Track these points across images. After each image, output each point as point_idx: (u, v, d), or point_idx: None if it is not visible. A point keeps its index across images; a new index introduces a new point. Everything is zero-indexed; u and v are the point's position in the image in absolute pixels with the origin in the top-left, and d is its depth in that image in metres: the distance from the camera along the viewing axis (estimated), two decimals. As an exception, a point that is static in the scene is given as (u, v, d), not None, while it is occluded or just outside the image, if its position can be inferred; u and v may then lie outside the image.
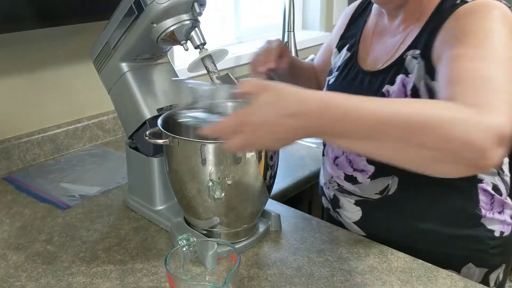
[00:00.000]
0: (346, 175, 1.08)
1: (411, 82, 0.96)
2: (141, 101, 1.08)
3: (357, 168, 1.06)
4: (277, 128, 0.67)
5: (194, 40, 0.98)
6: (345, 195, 1.10)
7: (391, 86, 0.99)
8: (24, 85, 1.43)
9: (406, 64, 0.97)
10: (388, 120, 0.66)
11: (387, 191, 1.04)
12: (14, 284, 0.94)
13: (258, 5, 2.26)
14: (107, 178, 1.35)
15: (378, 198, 1.05)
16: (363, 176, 1.05)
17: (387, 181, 1.03)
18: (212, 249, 0.91)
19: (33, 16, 1.24)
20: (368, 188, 1.05)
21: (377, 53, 1.07)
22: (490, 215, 1.03)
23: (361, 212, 1.09)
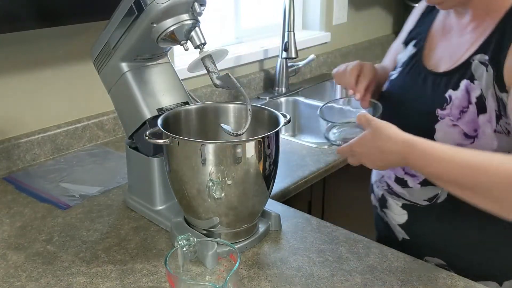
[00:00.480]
0: (397, 177, 1.07)
1: (477, 89, 0.91)
2: (141, 101, 1.08)
3: (409, 172, 1.04)
4: (373, 158, 0.89)
5: (194, 40, 0.98)
6: (393, 197, 1.09)
7: (454, 91, 0.95)
8: (24, 85, 1.43)
9: (473, 69, 0.92)
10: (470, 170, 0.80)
11: (436, 199, 1.02)
12: (14, 284, 0.94)
13: (258, 5, 2.26)
14: (107, 178, 1.35)
15: (426, 204, 1.04)
16: (414, 181, 1.03)
17: (437, 189, 1.01)
18: (212, 249, 0.91)
19: (33, 16, 1.24)
20: (417, 193, 1.04)
21: (443, 53, 1.02)
22: None
23: (407, 216, 1.07)
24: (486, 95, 0.90)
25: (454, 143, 0.92)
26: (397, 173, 1.06)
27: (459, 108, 0.93)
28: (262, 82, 2.14)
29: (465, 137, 0.93)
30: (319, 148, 1.57)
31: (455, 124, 0.93)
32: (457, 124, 0.93)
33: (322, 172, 1.44)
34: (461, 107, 0.93)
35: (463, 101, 0.93)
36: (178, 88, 1.14)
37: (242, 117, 1.10)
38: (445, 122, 0.95)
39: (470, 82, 0.92)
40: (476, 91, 0.91)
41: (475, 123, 0.91)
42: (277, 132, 0.98)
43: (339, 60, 2.55)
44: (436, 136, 0.96)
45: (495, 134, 0.90)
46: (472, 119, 0.92)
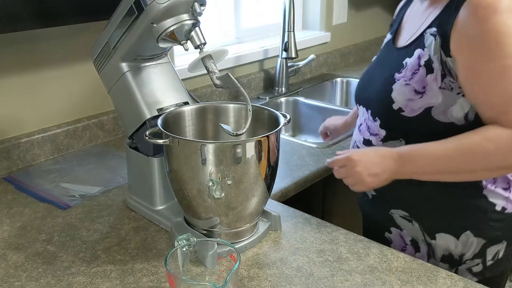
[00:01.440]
0: (364, 139, 1.17)
1: (426, 55, 1.04)
2: (141, 101, 1.08)
3: (373, 132, 1.14)
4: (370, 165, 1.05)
5: (194, 40, 0.98)
6: None
7: (409, 59, 1.07)
8: (24, 85, 1.43)
9: (425, 40, 1.05)
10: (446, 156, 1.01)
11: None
12: (14, 284, 0.94)
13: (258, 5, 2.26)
14: (107, 178, 1.35)
15: None
16: (377, 140, 1.14)
17: (396, 144, 1.10)
18: (212, 249, 0.91)
19: (33, 16, 1.24)
20: None
21: (406, 33, 1.16)
22: (492, 188, 1.07)
23: None
24: (433, 59, 1.03)
25: (406, 99, 1.07)
26: (364, 136, 1.17)
27: (411, 70, 1.07)
28: (262, 82, 2.14)
29: (415, 93, 1.05)
30: (319, 148, 1.57)
31: (408, 83, 1.07)
32: (409, 83, 1.06)
33: (322, 172, 1.44)
34: (413, 70, 1.06)
35: (415, 65, 1.06)
36: (178, 88, 1.14)
37: (242, 117, 1.10)
38: (400, 82, 1.08)
39: (421, 50, 1.06)
40: (425, 56, 1.05)
41: (424, 81, 1.05)
42: (277, 132, 0.98)
43: (339, 60, 2.55)
44: (393, 94, 1.09)
45: (440, 90, 1.03)
46: (421, 79, 1.05)
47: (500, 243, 1.10)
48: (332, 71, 2.48)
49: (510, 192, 1.08)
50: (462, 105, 1.02)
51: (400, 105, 1.07)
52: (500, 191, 1.07)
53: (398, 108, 1.07)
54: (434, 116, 1.04)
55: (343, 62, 2.58)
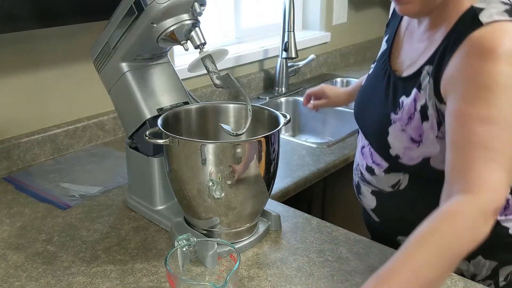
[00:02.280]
0: (367, 165, 1.13)
1: (422, 98, 0.97)
2: (141, 101, 1.08)
3: (375, 161, 1.10)
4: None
5: (194, 40, 0.98)
6: (365, 184, 1.15)
7: (406, 98, 1.00)
8: (24, 85, 1.43)
9: (422, 78, 0.98)
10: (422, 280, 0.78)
11: (398, 185, 1.07)
12: (14, 284, 0.94)
13: (258, 5, 2.26)
14: (107, 178, 1.35)
15: (390, 191, 1.08)
16: (379, 169, 1.09)
17: (399, 176, 1.06)
18: (212, 249, 0.91)
19: (33, 16, 1.24)
20: (383, 180, 1.09)
21: (405, 56, 1.07)
22: (503, 218, 1.03)
23: (376, 202, 1.13)
24: (428, 104, 0.96)
25: (403, 147, 1.01)
26: (367, 162, 1.13)
27: (407, 114, 1.00)
28: (262, 82, 2.14)
29: (412, 141, 1.00)
30: (319, 148, 1.57)
31: (404, 129, 1.00)
32: (405, 129, 1.00)
33: (322, 172, 1.44)
34: (409, 114, 1.00)
35: (411, 108, 0.99)
36: (178, 88, 1.14)
37: (242, 117, 1.10)
38: (396, 126, 1.02)
39: (418, 91, 0.98)
40: (421, 100, 0.97)
41: (420, 129, 0.98)
42: (277, 132, 0.98)
43: (339, 60, 2.55)
44: (389, 138, 1.03)
45: (437, 140, 0.96)
46: (417, 126, 0.98)
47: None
48: (332, 71, 2.48)
49: None
50: None
51: (397, 152, 1.02)
52: (510, 217, 1.03)
53: (395, 154, 1.02)
54: (434, 166, 0.98)
55: (343, 62, 2.58)
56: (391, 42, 1.13)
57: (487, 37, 0.87)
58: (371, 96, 1.13)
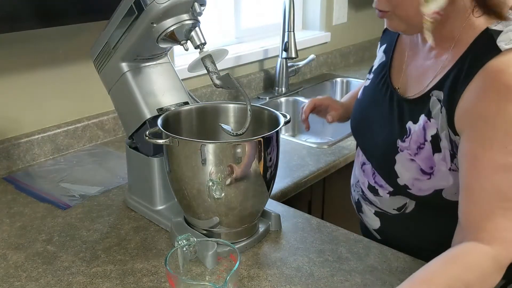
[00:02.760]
0: (369, 184, 1.07)
1: (433, 128, 0.92)
2: (141, 101, 1.08)
3: (378, 182, 1.05)
4: None
5: (194, 40, 0.98)
6: (367, 203, 1.10)
7: (414, 125, 0.95)
8: (24, 85, 1.43)
9: (431, 105, 0.92)
10: None
11: (404, 209, 1.03)
12: (14, 284, 0.94)
13: (258, 5, 2.26)
14: (107, 178, 1.35)
15: (395, 214, 1.05)
16: (383, 191, 1.04)
17: (405, 200, 1.02)
18: (212, 249, 0.91)
19: (33, 16, 1.24)
20: (387, 202, 1.05)
21: (409, 75, 1.01)
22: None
23: (380, 223, 1.09)
24: (441, 135, 0.91)
25: (412, 178, 0.95)
26: (370, 181, 1.07)
27: (416, 143, 0.94)
28: (262, 82, 2.14)
29: (422, 173, 0.94)
30: (319, 148, 1.57)
31: (413, 159, 0.95)
32: (415, 159, 0.95)
33: (322, 172, 1.44)
34: (419, 143, 0.94)
35: (420, 137, 0.94)
36: (178, 88, 1.14)
37: (242, 117, 1.10)
38: (404, 155, 0.96)
39: (427, 119, 0.93)
40: (432, 129, 0.92)
41: (431, 160, 0.93)
42: (277, 132, 0.98)
43: (339, 60, 2.55)
44: (396, 167, 0.98)
45: (450, 172, 0.92)
46: (428, 157, 0.93)
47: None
48: (332, 71, 2.48)
49: None
50: None
51: (405, 182, 0.96)
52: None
53: (404, 184, 0.97)
54: (446, 197, 0.94)
55: (343, 62, 2.58)
56: (391, 54, 1.06)
57: (507, 71, 0.80)
58: (372, 113, 1.07)
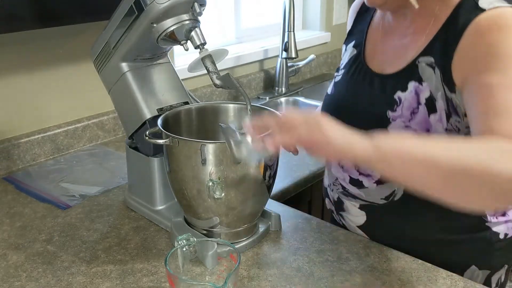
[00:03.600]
0: (351, 178, 1.06)
1: (426, 91, 0.93)
2: (141, 101, 1.08)
3: (363, 172, 1.04)
4: (329, 127, 0.75)
5: (194, 40, 0.98)
6: (350, 199, 1.08)
7: (403, 93, 0.96)
8: (24, 85, 1.43)
9: (420, 71, 0.94)
10: (432, 164, 0.72)
11: (393, 196, 1.02)
12: (14, 284, 0.94)
13: (258, 5, 2.26)
14: (107, 178, 1.35)
15: (383, 203, 1.03)
16: (369, 181, 1.03)
17: (393, 187, 1.01)
18: (212, 249, 0.91)
19: (33, 16, 1.24)
20: (374, 193, 1.04)
21: (386, 55, 1.03)
22: (495, 219, 1.02)
23: (366, 216, 1.07)
24: (436, 96, 0.92)
25: None
26: (352, 175, 1.05)
27: (409, 109, 0.95)
28: (262, 82, 2.14)
29: None
30: (319, 148, 1.56)
31: (408, 126, 0.95)
32: (409, 125, 0.95)
33: (322, 172, 1.44)
34: (412, 108, 0.94)
35: (413, 102, 0.95)
36: (178, 88, 1.14)
37: (242, 117, 1.10)
38: (397, 123, 0.96)
39: (418, 83, 0.94)
40: (425, 92, 0.93)
41: (427, 123, 0.93)
42: (277, 132, 0.98)
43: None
44: None
45: (446, 132, 0.93)
46: (424, 119, 0.94)
47: (502, 268, 1.06)
48: (332, 71, 2.48)
49: (509, 216, 1.03)
50: None
51: None
52: (500, 218, 1.02)
53: None
54: None
55: (343, 62, 2.58)
56: (363, 46, 1.09)
57: (497, 16, 0.86)
58: (351, 102, 1.06)
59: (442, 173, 0.72)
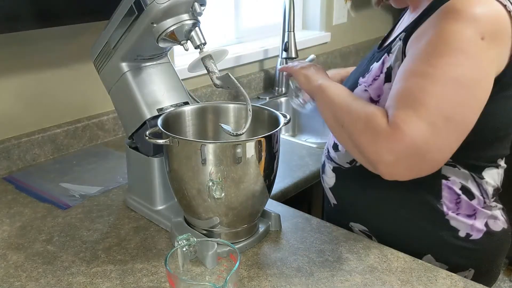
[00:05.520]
0: (334, 143, 1.14)
1: (389, 61, 1.00)
2: (141, 101, 1.08)
3: None
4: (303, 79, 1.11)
5: (194, 40, 0.98)
6: (329, 161, 1.16)
7: (376, 63, 1.04)
8: (24, 85, 1.43)
9: (393, 44, 1.02)
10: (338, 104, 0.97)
11: (355, 161, 1.07)
12: (14, 284, 0.94)
13: (258, 5, 2.26)
14: (107, 178, 1.35)
15: (348, 167, 1.10)
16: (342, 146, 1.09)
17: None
18: (212, 249, 0.91)
19: (33, 16, 1.24)
20: (343, 156, 1.11)
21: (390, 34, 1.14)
22: (454, 215, 1.02)
23: (335, 178, 1.14)
24: (394, 65, 0.98)
25: None
26: (335, 140, 1.13)
27: (373, 76, 1.03)
28: (262, 82, 2.14)
29: (370, 101, 1.02)
30: (319, 148, 1.57)
31: (366, 90, 1.03)
32: (367, 89, 1.03)
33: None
34: (374, 76, 1.03)
35: (377, 71, 1.03)
36: (178, 88, 1.14)
37: (242, 117, 1.10)
38: (360, 87, 1.05)
39: (387, 55, 1.02)
40: (388, 62, 1.01)
41: (380, 89, 1.01)
42: (277, 132, 0.98)
43: (339, 60, 2.55)
44: None
45: None
46: (379, 86, 1.01)
47: (467, 270, 1.05)
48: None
49: (475, 219, 1.03)
50: None
51: None
52: (463, 219, 1.02)
53: None
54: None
55: (343, 62, 2.58)
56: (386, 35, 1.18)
57: (460, 1, 0.88)
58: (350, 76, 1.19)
59: (333, 117, 0.97)
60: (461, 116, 0.85)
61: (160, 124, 0.98)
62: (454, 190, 1.01)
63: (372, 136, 0.87)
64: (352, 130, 0.91)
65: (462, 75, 0.84)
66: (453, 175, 1.01)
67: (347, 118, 0.93)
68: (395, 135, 0.84)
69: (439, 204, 1.02)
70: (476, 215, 1.03)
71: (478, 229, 1.03)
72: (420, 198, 1.03)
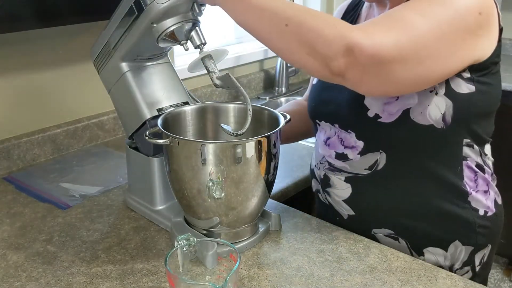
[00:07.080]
0: (337, 153, 1.09)
1: None
2: (141, 101, 1.08)
3: (348, 145, 1.07)
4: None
5: (194, 40, 0.98)
6: (336, 173, 1.11)
7: None
8: (24, 85, 1.43)
9: None
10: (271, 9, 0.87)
11: (376, 166, 1.04)
12: (14, 284, 0.94)
13: (258, 5, 2.26)
14: (107, 178, 1.35)
15: (367, 173, 1.06)
16: (353, 153, 1.06)
17: (376, 156, 1.04)
18: (212, 249, 0.91)
19: (33, 16, 1.24)
20: (358, 164, 1.06)
21: None
22: (475, 193, 1.04)
23: (351, 189, 1.09)
24: None
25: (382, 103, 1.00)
26: (337, 150, 1.09)
27: None
28: (262, 82, 2.14)
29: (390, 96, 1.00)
30: (319, 148, 1.56)
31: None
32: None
33: (322, 172, 1.44)
34: None
35: None
36: (178, 88, 1.14)
37: (242, 117, 1.10)
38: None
39: None
40: None
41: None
42: (277, 132, 0.98)
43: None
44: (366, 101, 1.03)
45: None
46: None
47: (486, 247, 1.08)
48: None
49: (489, 195, 1.06)
50: (437, 104, 0.96)
51: (376, 111, 1.00)
52: (481, 197, 1.05)
53: (374, 115, 1.00)
54: (414, 119, 0.98)
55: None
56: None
57: None
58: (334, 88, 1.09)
59: (269, 18, 0.87)
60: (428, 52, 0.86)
61: (160, 124, 0.98)
62: (472, 168, 1.04)
63: (333, 21, 0.84)
64: (304, 19, 0.84)
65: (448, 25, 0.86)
66: (471, 154, 1.03)
67: (296, 11, 0.86)
68: (360, 34, 0.82)
69: (462, 185, 1.04)
70: (489, 190, 1.07)
71: (491, 205, 1.07)
72: (446, 182, 1.03)
